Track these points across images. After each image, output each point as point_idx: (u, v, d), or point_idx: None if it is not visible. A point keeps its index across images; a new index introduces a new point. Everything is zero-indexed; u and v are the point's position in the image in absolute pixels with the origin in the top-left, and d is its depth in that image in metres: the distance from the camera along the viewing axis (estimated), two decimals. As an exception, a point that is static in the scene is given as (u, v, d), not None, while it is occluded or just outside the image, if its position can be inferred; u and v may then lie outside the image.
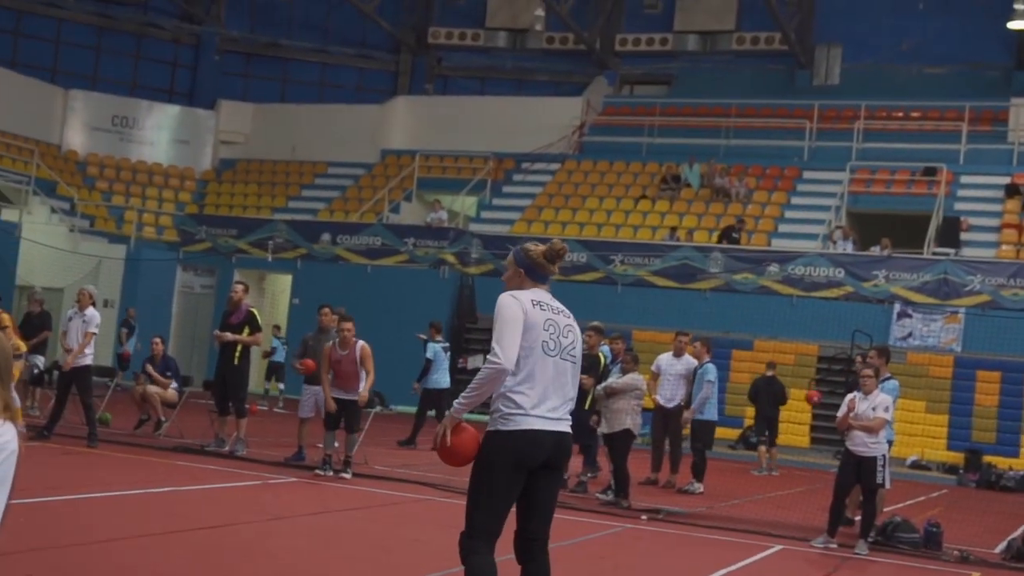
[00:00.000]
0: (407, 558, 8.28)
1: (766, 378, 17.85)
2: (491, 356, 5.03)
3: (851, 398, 10.66)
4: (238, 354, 13.63)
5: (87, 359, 13.40)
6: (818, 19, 32.42)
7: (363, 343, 12.32)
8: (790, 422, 20.14)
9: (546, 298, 5.30)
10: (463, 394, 5.15)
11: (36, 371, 16.44)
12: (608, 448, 12.59)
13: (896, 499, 13.91)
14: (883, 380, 11.21)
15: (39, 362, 16.66)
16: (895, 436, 12.74)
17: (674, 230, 25.95)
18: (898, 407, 13.48)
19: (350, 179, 31.92)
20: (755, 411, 18.31)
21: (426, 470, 13.17)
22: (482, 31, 35.57)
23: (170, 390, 15.54)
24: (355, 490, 11.57)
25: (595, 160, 30.29)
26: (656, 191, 28.50)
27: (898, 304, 22.67)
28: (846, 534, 10.85)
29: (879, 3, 31.82)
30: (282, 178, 32.60)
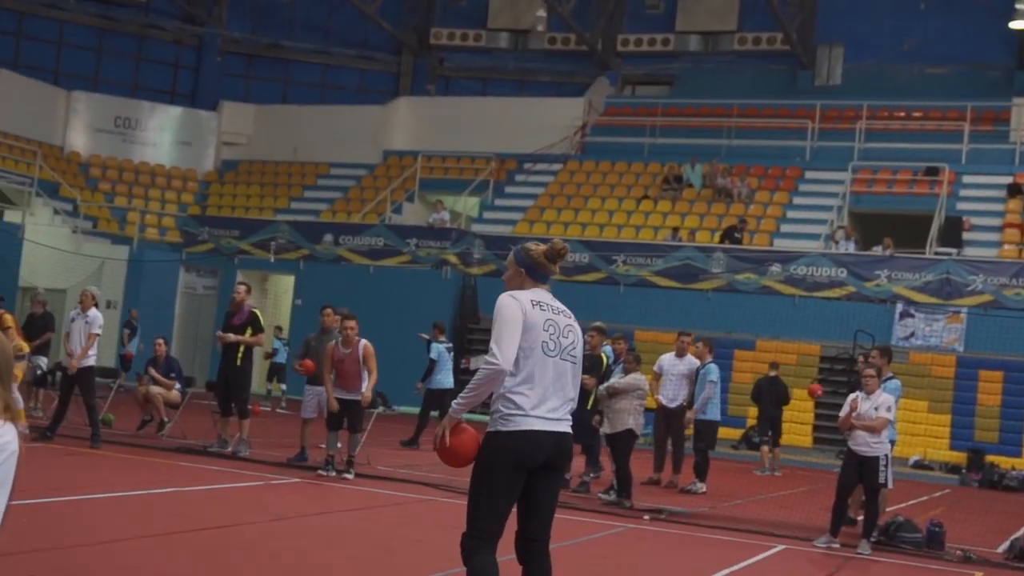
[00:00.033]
0: (410, 558, 8.29)
1: (769, 378, 17.84)
2: (488, 357, 5.02)
3: (853, 398, 10.67)
4: (240, 355, 13.65)
5: (90, 360, 13.41)
6: (820, 19, 32.42)
7: (366, 342, 12.32)
8: (793, 422, 20.14)
9: (546, 298, 5.27)
10: (461, 394, 5.15)
11: (39, 372, 16.47)
12: (610, 448, 12.60)
13: (899, 499, 13.92)
14: (885, 380, 11.23)
15: (42, 363, 16.70)
16: (897, 436, 12.75)
17: (676, 230, 25.95)
18: (900, 407, 13.47)
19: (352, 180, 31.94)
20: (758, 411, 18.30)
21: (429, 470, 13.18)
22: (484, 32, 35.58)
23: (173, 391, 15.58)
24: (358, 490, 11.58)
25: (597, 160, 30.30)
26: (658, 191, 28.50)
27: (900, 304, 22.67)
28: (849, 534, 10.86)
29: (880, 3, 31.81)
30: (284, 179, 32.61)
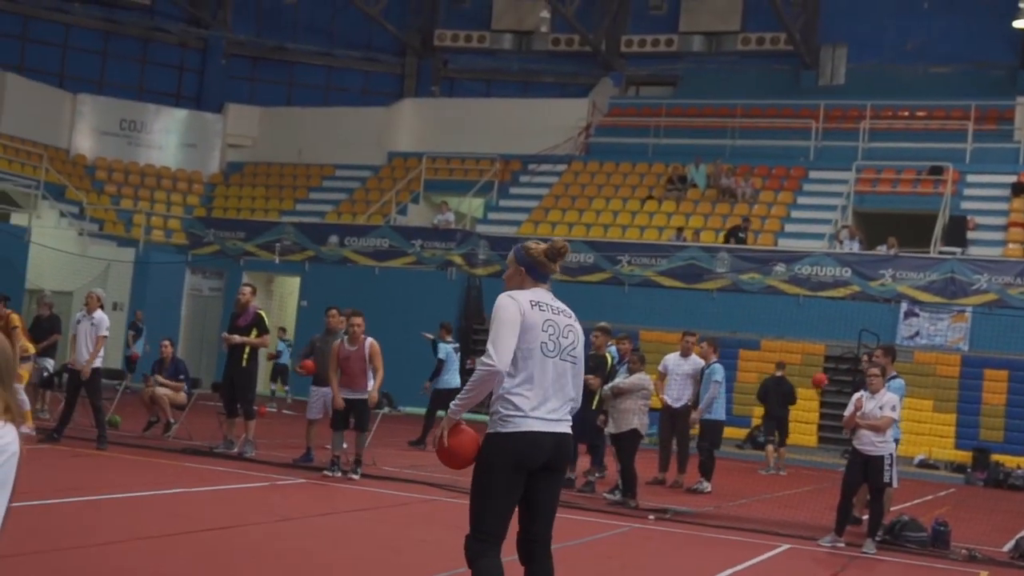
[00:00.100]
0: (416, 559, 8.31)
1: (775, 378, 17.85)
2: (485, 358, 5.00)
3: (858, 397, 10.67)
4: (246, 356, 13.68)
5: (96, 362, 13.44)
6: (823, 19, 32.44)
7: (372, 340, 12.33)
8: (798, 421, 20.14)
9: (546, 298, 5.23)
10: (459, 396, 5.15)
11: (46, 374, 16.51)
12: (615, 448, 12.61)
13: (904, 498, 13.92)
14: (889, 379, 11.24)
15: (49, 365, 16.75)
16: (901, 434, 12.76)
17: (680, 230, 25.97)
18: (905, 406, 13.49)
19: (357, 181, 31.98)
20: (764, 411, 18.30)
21: (434, 471, 13.18)
22: (488, 33, 35.63)
23: (180, 393, 15.63)
24: (363, 491, 11.60)
25: (601, 161, 30.32)
26: (662, 192, 28.52)
27: (905, 303, 22.67)
28: (854, 533, 10.86)
29: (884, 3, 31.81)
30: (289, 181, 32.68)
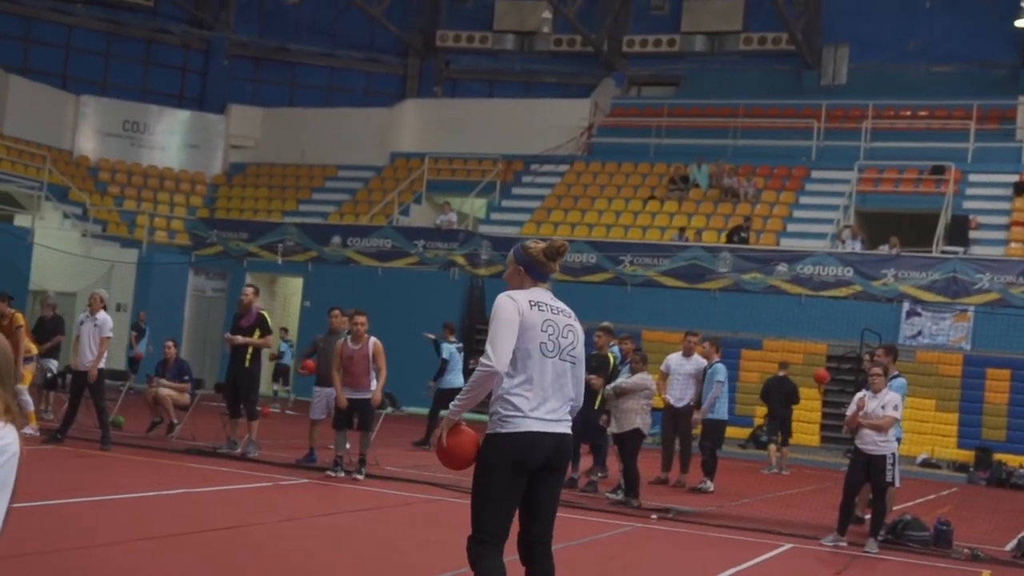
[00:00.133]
0: (418, 559, 8.33)
1: (778, 378, 17.85)
2: (483, 358, 5.00)
3: (860, 396, 10.69)
4: (249, 357, 13.69)
5: (99, 363, 13.47)
6: (825, 19, 32.44)
7: (375, 339, 12.36)
8: (800, 421, 20.12)
9: (545, 298, 5.22)
10: (458, 396, 5.15)
11: (49, 375, 16.55)
12: (618, 448, 12.64)
13: (906, 497, 13.93)
14: (891, 378, 11.25)
15: (52, 366, 16.78)
16: (903, 434, 12.76)
17: (683, 230, 25.98)
18: (908, 405, 13.50)
19: (360, 182, 32.01)
20: (767, 411, 18.32)
21: (437, 471, 13.19)
22: (490, 34, 35.65)
23: (184, 393, 15.66)
24: (366, 491, 11.62)
25: (603, 161, 30.33)
26: (664, 192, 28.53)
27: (907, 303, 22.66)
28: (856, 532, 10.88)
29: (885, 3, 31.81)
30: (292, 181, 32.71)
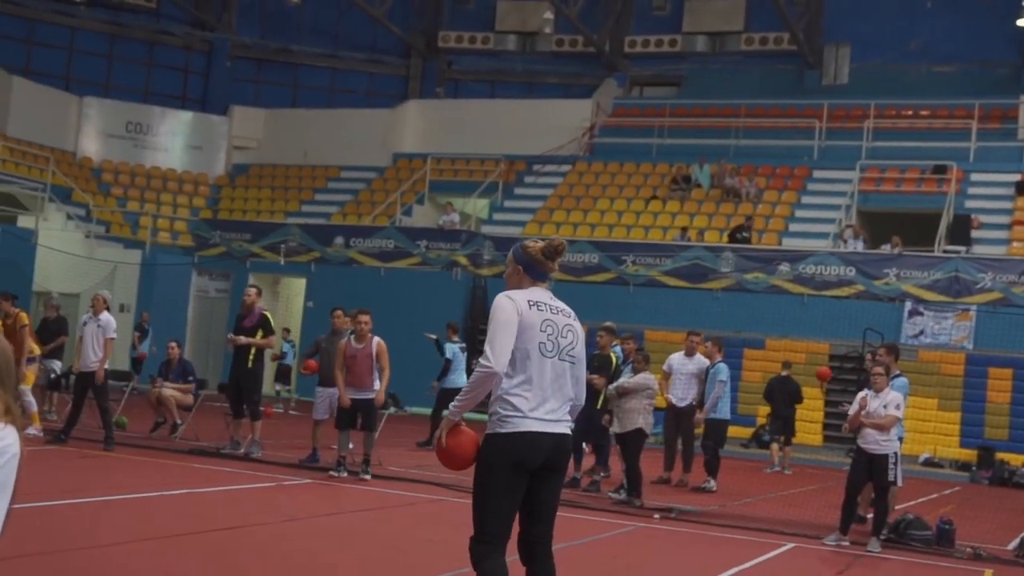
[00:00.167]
0: (421, 558, 8.35)
1: (781, 377, 17.86)
2: (482, 359, 5.01)
3: (863, 396, 10.71)
4: (252, 357, 13.72)
5: (105, 364, 13.49)
6: (826, 19, 32.45)
7: (379, 339, 12.38)
8: (803, 420, 20.13)
9: (544, 297, 5.21)
10: (458, 397, 5.15)
11: (53, 376, 16.57)
12: (620, 447, 12.65)
13: (908, 496, 13.93)
14: (893, 377, 11.27)
15: (56, 367, 16.79)
16: (905, 433, 12.77)
17: (685, 230, 25.99)
18: (910, 405, 13.50)
19: (362, 183, 32.04)
20: (770, 410, 18.33)
21: (440, 471, 13.21)
22: (492, 34, 35.68)
23: (188, 394, 15.70)
24: (369, 491, 11.64)
25: (605, 161, 30.35)
26: (667, 192, 28.55)
27: (909, 302, 22.66)
28: (858, 532, 10.89)
29: (887, 2, 31.81)
30: (295, 182, 32.74)
